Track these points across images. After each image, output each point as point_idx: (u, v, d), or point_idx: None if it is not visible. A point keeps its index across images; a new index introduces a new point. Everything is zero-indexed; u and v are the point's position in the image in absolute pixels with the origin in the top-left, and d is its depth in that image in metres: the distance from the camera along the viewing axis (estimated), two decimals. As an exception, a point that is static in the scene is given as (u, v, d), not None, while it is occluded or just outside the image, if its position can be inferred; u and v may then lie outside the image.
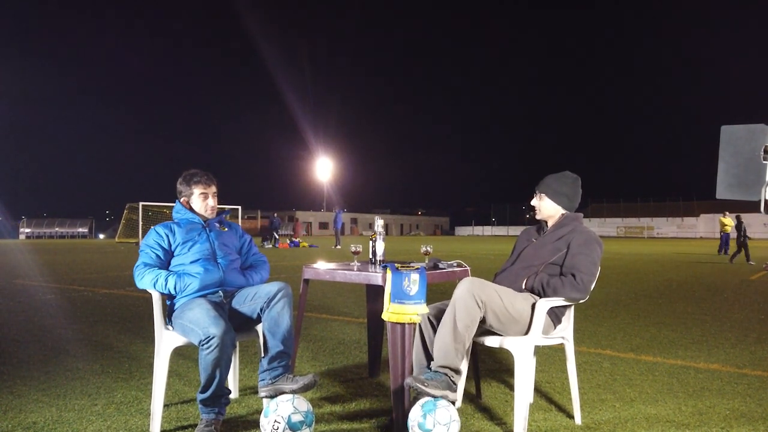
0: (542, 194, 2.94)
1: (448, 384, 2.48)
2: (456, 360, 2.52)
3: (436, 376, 2.48)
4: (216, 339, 2.47)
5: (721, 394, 3.22)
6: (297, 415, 2.40)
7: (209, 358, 2.49)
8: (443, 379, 2.48)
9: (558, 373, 3.66)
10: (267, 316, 2.73)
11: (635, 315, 6.12)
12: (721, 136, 2.09)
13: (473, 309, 2.52)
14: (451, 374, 2.51)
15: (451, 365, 2.52)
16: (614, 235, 62.93)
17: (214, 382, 2.52)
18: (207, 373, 2.51)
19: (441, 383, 2.45)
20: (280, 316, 2.72)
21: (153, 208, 32.03)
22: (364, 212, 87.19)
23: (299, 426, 2.39)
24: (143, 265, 2.80)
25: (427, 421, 2.34)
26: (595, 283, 2.74)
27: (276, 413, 2.40)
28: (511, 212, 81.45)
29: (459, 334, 2.52)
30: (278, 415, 2.39)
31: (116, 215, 56.09)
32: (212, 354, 2.48)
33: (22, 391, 3.19)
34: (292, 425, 2.38)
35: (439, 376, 2.48)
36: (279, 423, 2.38)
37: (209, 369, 2.50)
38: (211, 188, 3.02)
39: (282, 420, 2.38)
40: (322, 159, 65.83)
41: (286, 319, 2.73)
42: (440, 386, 2.43)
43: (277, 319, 2.71)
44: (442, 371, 2.51)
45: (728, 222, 18.12)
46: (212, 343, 2.47)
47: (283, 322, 2.72)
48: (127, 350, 4.24)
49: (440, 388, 2.43)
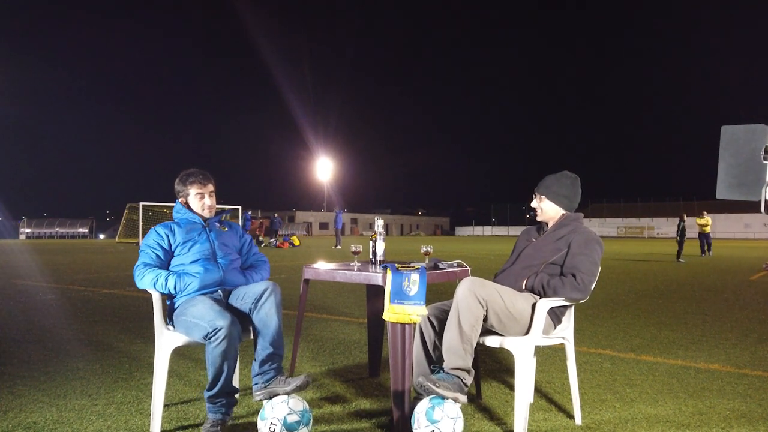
0: (542, 196, 2.94)
1: (460, 386, 2.49)
2: (466, 360, 2.53)
3: (448, 377, 2.50)
4: (223, 330, 2.47)
5: (721, 395, 3.22)
6: (293, 415, 2.40)
7: (217, 351, 2.48)
8: (455, 381, 2.49)
9: (558, 373, 3.65)
10: (255, 317, 2.72)
11: (635, 315, 6.11)
12: (722, 136, 2.09)
13: (476, 308, 2.53)
14: (464, 375, 2.52)
15: (462, 366, 2.53)
16: (614, 235, 62.91)
17: (221, 377, 2.51)
18: (215, 367, 2.50)
19: (453, 385, 2.46)
20: (269, 317, 2.70)
21: (153, 209, 32.02)
22: (364, 212, 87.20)
23: (296, 426, 2.39)
24: (143, 265, 2.80)
25: (436, 412, 2.35)
26: (596, 283, 2.74)
27: (272, 416, 2.40)
28: (512, 212, 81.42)
29: (465, 334, 2.52)
30: (274, 418, 2.39)
31: (116, 215, 56.20)
32: (220, 346, 2.47)
33: (22, 391, 3.19)
34: (288, 426, 2.38)
35: (451, 378, 2.49)
36: (275, 425, 2.37)
37: (217, 362, 2.49)
38: (207, 187, 3.01)
39: (278, 422, 2.38)
40: (323, 159, 65.79)
41: (274, 320, 2.70)
42: (451, 388, 2.45)
43: (266, 320, 2.69)
44: (453, 373, 2.52)
45: (706, 222, 18.18)
46: (219, 335, 2.47)
47: (271, 323, 2.69)
48: (128, 350, 4.24)
49: (451, 390, 2.44)
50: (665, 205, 67.39)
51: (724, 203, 50.47)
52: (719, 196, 2.14)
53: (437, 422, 2.32)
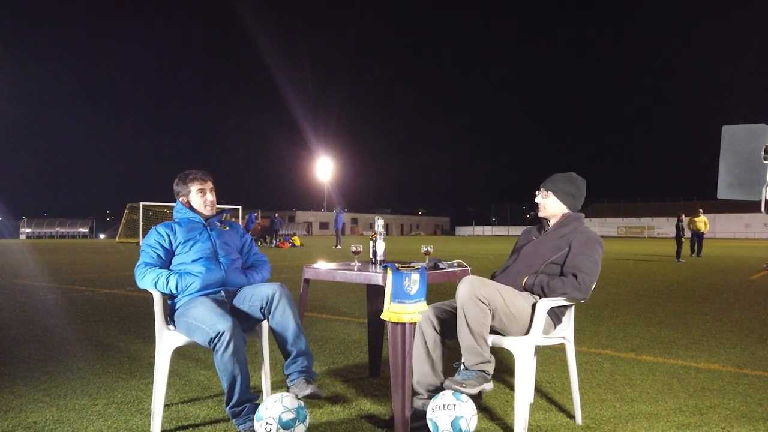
0: (549, 192, 2.93)
1: (483, 377, 2.57)
2: (484, 353, 2.57)
3: (472, 374, 2.56)
4: (227, 334, 2.46)
5: (721, 394, 3.22)
6: (288, 413, 2.40)
7: (226, 356, 2.46)
8: (478, 375, 2.56)
9: (558, 372, 3.66)
10: (272, 322, 2.75)
11: (635, 315, 6.11)
12: (722, 136, 2.09)
13: (480, 306, 2.54)
14: (486, 367, 2.58)
15: (482, 360, 2.57)
16: (615, 235, 62.92)
17: (237, 383, 2.49)
18: (228, 373, 2.48)
19: (477, 379, 2.54)
20: (285, 320, 2.73)
21: (154, 208, 32.04)
22: (364, 212, 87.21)
23: (292, 424, 2.39)
24: (144, 265, 2.80)
25: (461, 423, 2.42)
26: (596, 283, 2.74)
27: (267, 415, 2.40)
28: (512, 212, 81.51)
29: (476, 333, 2.55)
30: (269, 417, 2.39)
31: (117, 215, 56.17)
32: (228, 350, 2.46)
33: (22, 391, 3.19)
34: (284, 424, 2.38)
35: (473, 374, 2.56)
36: (271, 425, 2.37)
37: (228, 367, 2.47)
38: (207, 183, 3.02)
39: (273, 421, 2.38)
40: (323, 159, 65.81)
41: (291, 323, 2.73)
42: (477, 383, 2.54)
43: (283, 323, 2.73)
44: (476, 369, 2.57)
45: (703, 220, 18.13)
46: (224, 339, 2.46)
47: (289, 326, 2.73)
48: (128, 350, 4.24)
49: (477, 385, 2.53)
50: (665, 205, 67.40)
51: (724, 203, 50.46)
52: (720, 196, 2.14)
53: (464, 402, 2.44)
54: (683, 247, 16.62)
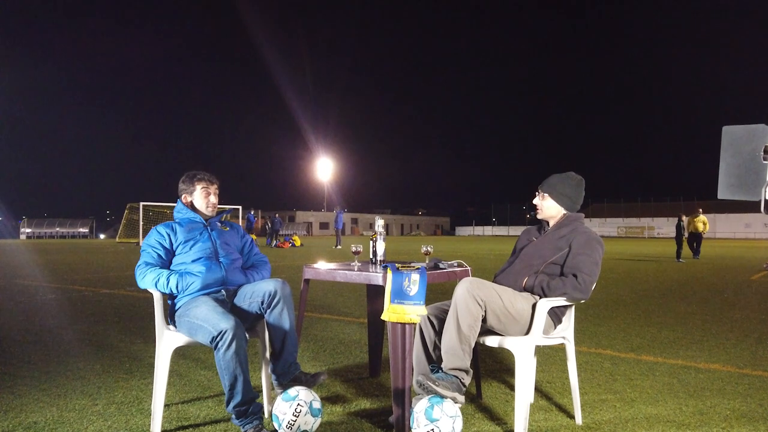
0: (545, 194, 2.93)
1: (458, 387, 2.52)
2: (465, 361, 2.55)
3: (447, 377, 2.52)
4: (229, 332, 2.46)
5: (721, 394, 3.22)
6: (317, 402, 2.49)
7: (227, 356, 2.46)
8: (454, 381, 2.52)
9: (558, 373, 3.66)
10: (270, 317, 2.78)
11: (635, 315, 6.11)
12: (723, 136, 2.09)
13: (474, 308, 2.54)
14: (462, 376, 2.55)
15: (461, 366, 2.55)
16: (615, 235, 62.90)
17: (239, 382, 2.49)
18: (229, 372, 2.47)
19: (452, 385, 2.50)
20: (281, 319, 2.78)
21: (154, 208, 32.04)
22: (364, 212, 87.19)
23: (317, 413, 2.47)
24: (145, 265, 2.80)
25: (435, 411, 2.35)
26: (596, 283, 2.74)
27: (299, 398, 2.45)
28: (512, 212, 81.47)
29: (463, 334, 2.54)
30: (301, 400, 2.44)
31: (117, 215, 56.23)
32: (229, 350, 2.46)
33: (22, 391, 3.19)
34: (313, 411, 2.45)
35: (450, 378, 2.52)
36: (302, 407, 2.43)
37: (230, 367, 2.47)
38: (213, 186, 3.05)
39: (305, 404, 2.44)
40: (323, 159, 65.80)
41: (286, 321, 2.78)
42: (450, 388, 2.48)
43: (278, 322, 2.78)
44: (452, 374, 2.54)
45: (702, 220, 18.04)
46: (226, 338, 2.46)
47: (284, 324, 2.78)
48: (128, 350, 4.24)
49: (450, 389, 2.47)
50: (665, 205, 67.39)
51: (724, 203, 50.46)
52: (720, 197, 2.14)
53: (436, 421, 2.33)
54: (683, 247, 16.62)
